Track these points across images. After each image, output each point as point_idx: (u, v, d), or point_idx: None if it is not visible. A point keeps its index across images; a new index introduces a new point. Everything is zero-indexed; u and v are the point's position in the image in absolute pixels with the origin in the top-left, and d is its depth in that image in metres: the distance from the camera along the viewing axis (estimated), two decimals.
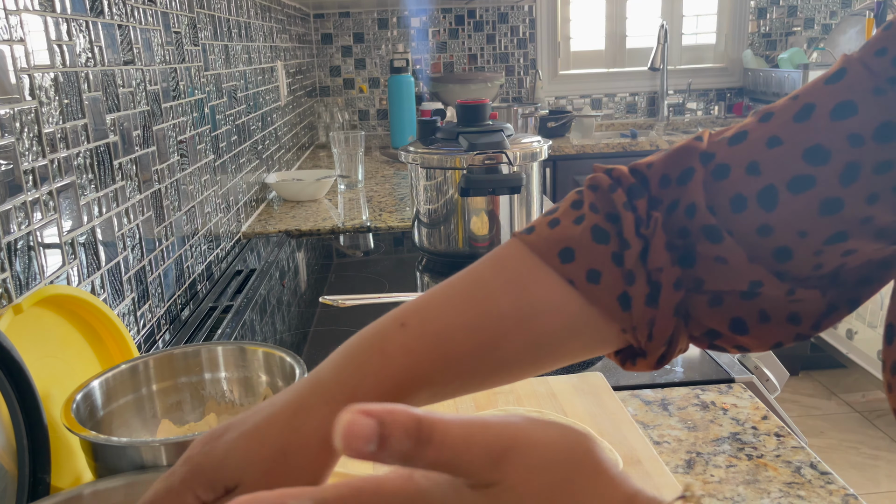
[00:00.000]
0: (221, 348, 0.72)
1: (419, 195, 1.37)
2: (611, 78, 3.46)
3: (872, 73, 0.41)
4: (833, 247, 0.43)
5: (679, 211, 0.45)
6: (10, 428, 0.56)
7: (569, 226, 0.46)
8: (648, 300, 0.44)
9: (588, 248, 0.45)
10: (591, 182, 0.47)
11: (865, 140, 0.40)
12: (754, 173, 0.43)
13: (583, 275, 0.45)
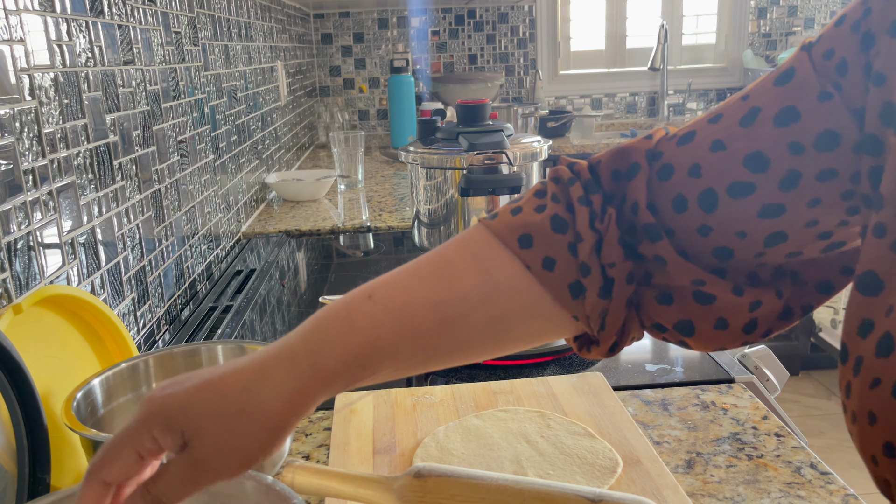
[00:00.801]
0: (221, 347, 0.73)
1: (419, 195, 1.37)
2: (611, 78, 3.46)
3: (820, 75, 0.41)
4: (774, 248, 0.44)
5: (626, 207, 0.47)
6: (10, 428, 0.56)
7: (530, 213, 0.48)
8: (602, 292, 0.46)
9: (546, 236, 0.47)
10: (554, 174, 0.49)
11: (806, 148, 0.41)
12: (696, 176, 0.44)
13: (539, 261, 0.47)
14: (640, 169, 0.46)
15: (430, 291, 0.47)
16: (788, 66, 0.43)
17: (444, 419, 0.76)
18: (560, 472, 0.65)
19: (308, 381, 0.44)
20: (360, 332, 0.45)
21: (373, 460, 0.69)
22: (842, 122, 0.40)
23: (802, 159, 0.41)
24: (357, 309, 0.46)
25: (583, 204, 0.47)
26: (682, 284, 0.46)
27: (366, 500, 0.56)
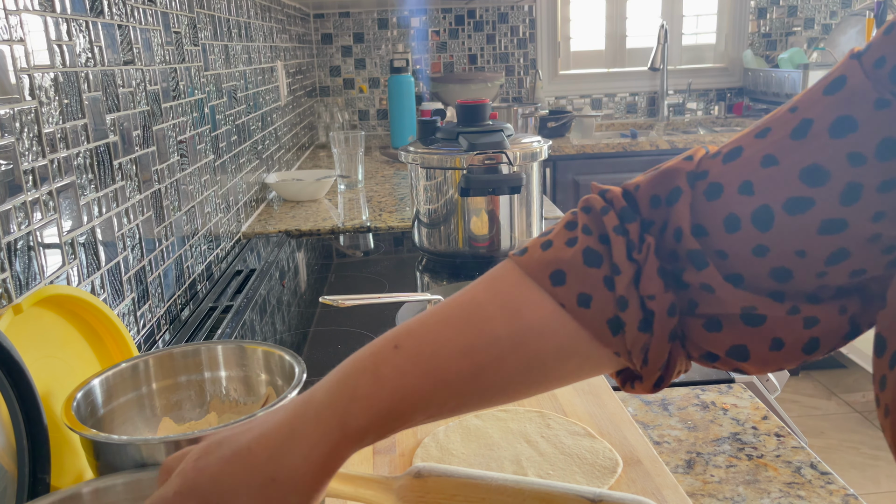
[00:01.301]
0: (221, 347, 0.72)
1: (419, 195, 1.37)
2: (611, 78, 3.46)
3: (874, 83, 0.39)
4: (836, 267, 0.41)
5: (668, 233, 0.45)
6: (10, 428, 0.56)
7: (561, 248, 0.46)
8: (642, 326, 0.44)
9: (580, 271, 0.45)
10: (585, 203, 0.47)
11: (867, 158, 0.39)
12: (748, 193, 0.42)
13: (573, 299, 0.45)
14: (683, 192, 0.44)
15: (459, 338, 0.45)
16: (838, 75, 0.41)
17: (444, 419, 0.76)
18: (560, 472, 0.65)
19: (338, 440, 0.43)
20: (388, 385, 0.44)
21: (373, 460, 0.69)
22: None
23: (863, 170, 0.39)
24: (384, 361, 0.44)
25: (619, 234, 0.44)
26: (731, 312, 0.44)
27: (366, 499, 0.56)
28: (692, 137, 2.80)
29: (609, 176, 2.79)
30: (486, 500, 0.53)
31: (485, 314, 0.46)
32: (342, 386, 0.44)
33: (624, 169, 2.79)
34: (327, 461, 0.43)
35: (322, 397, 0.44)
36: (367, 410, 0.43)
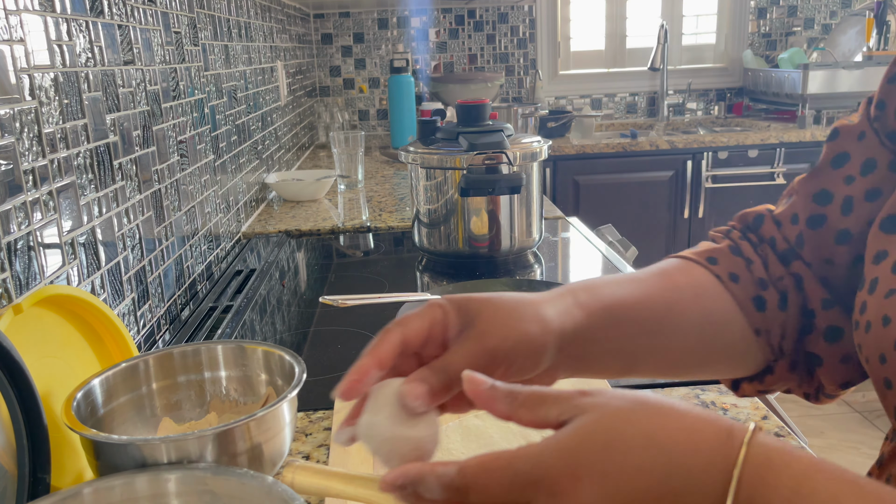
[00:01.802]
0: (221, 347, 0.72)
1: (419, 195, 1.37)
2: (611, 78, 3.46)
3: (870, 122, 0.56)
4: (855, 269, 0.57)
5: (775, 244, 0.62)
6: (10, 428, 0.56)
7: (709, 245, 0.63)
8: (780, 304, 0.57)
9: (727, 257, 0.60)
10: (739, 218, 0.65)
11: (855, 178, 0.57)
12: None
13: (726, 274, 0.59)
14: (765, 221, 0.62)
15: (649, 284, 0.58)
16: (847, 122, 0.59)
17: (444, 419, 0.76)
18: None
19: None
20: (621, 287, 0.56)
21: (373, 460, 0.69)
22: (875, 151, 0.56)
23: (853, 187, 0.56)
24: (577, 291, 0.54)
25: (743, 239, 0.62)
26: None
27: (366, 500, 0.56)
28: (692, 137, 2.80)
29: (609, 176, 2.79)
30: None
31: (668, 272, 0.60)
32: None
33: (624, 169, 2.79)
34: (560, 318, 0.50)
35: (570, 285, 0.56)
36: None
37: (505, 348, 0.46)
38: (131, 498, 0.53)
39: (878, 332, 0.47)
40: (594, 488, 0.36)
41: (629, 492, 0.36)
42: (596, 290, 0.54)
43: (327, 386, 0.86)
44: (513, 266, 1.36)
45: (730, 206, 2.84)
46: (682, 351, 0.57)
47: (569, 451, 0.38)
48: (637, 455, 0.36)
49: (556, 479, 0.37)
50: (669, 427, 0.37)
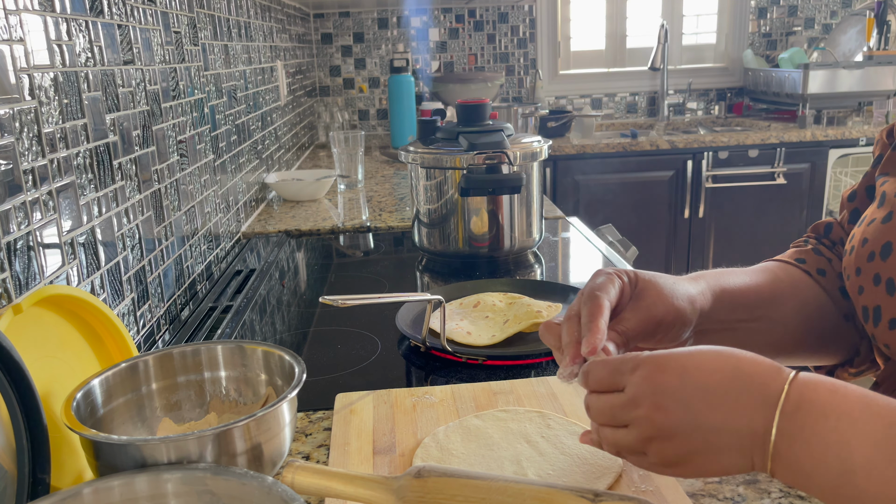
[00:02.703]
0: (221, 347, 0.72)
1: (419, 195, 1.37)
2: (611, 78, 3.46)
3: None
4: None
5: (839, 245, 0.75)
6: (10, 428, 0.56)
7: (796, 249, 0.75)
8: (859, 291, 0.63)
9: (812, 257, 0.73)
10: (812, 229, 0.77)
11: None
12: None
13: (814, 270, 0.71)
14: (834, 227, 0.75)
15: (757, 276, 0.69)
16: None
17: (444, 419, 0.76)
18: (560, 472, 0.65)
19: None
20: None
21: (373, 460, 0.69)
22: None
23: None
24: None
25: (819, 244, 0.74)
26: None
27: (366, 500, 0.56)
28: (692, 137, 2.80)
29: (609, 176, 2.79)
30: (486, 500, 0.53)
31: (766, 268, 0.72)
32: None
33: (624, 169, 2.79)
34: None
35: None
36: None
37: (668, 320, 0.60)
38: (131, 498, 0.53)
39: (858, 251, 0.61)
40: (675, 378, 0.48)
41: (701, 384, 0.47)
42: (717, 277, 0.66)
43: (327, 386, 0.87)
44: (513, 266, 1.35)
45: (730, 206, 2.84)
46: (785, 332, 0.68)
47: (660, 354, 0.50)
48: (711, 361, 0.48)
49: (648, 368, 0.49)
50: (737, 352, 0.49)
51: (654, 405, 0.48)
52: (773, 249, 0.87)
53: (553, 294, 1.11)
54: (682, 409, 0.47)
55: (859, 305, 0.61)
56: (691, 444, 0.47)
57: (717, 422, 0.46)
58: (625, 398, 0.50)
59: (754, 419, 0.46)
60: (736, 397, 0.46)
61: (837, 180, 2.93)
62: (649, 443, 0.49)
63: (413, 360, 0.94)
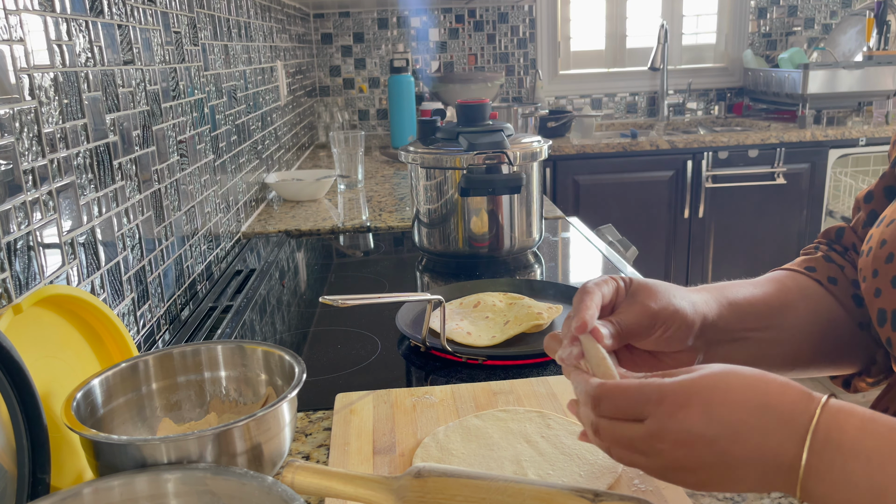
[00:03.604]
0: (221, 347, 0.72)
1: (419, 195, 1.37)
2: (611, 78, 3.46)
3: None
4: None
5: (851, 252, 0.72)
6: (10, 428, 0.56)
7: (806, 257, 0.72)
8: (875, 295, 0.60)
9: (823, 265, 0.70)
10: (823, 235, 0.75)
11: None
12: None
13: (825, 278, 0.69)
14: (846, 232, 0.73)
15: (764, 286, 0.67)
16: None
17: (444, 419, 0.76)
18: (560, 472, 0.65)
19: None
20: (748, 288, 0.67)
21: (373, 460, 0.69)
22: None
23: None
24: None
25: (830, 250, 0.72)
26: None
27: (366, 500, 0.56)
28: (692, 137, 2.80)
29: (609, 176, 2.79)
30: (486, 500, 0.53)
31: (776, 278, 0.70)
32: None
33: (624, 169, 2.79)
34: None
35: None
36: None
37: (664, 315, 0.58)
38: (131, 498, 0.53)
39: (876, 252, 0.59)
40: (699, 413, 0.46)
41: (727, 421, 0.45)
42: (721, 289, 0.65)
43: (327, 386, 0.87)
44: (513, 266, 1.35)
45: (730, 206, 2.84)
46: (798, 343, 0.67)
47: (684, 385, 0.47)
48: (737, 393, 0.46)
49: (672, 402, 0.47)
50: (764, 380, 0.47)
51: (677, 441, 0.46)
52: (773, 249, 0.86)
53: (553, 294, 1.11)
54: (706, 447, 0.46)
55: (875, 309, 0.59)
56: (715, 474, 0.47)
57: (743, 456, 0.45)
58: (645, 431, 0.47)
59: (781, 454, 0.45)
60: (763, 432, 0.45)
61: (837, 180, 2.93)
62: (670, 472, 0.48)
63: (413, 360, 0.94)
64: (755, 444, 0.45)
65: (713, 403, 0.46)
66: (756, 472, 0.46)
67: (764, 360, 0.67)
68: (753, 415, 0.45)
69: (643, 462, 0.49)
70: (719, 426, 0.45)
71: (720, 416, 0.46)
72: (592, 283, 0.58)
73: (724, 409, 0.46)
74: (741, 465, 0.46)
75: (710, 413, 0.46)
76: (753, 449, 0.45)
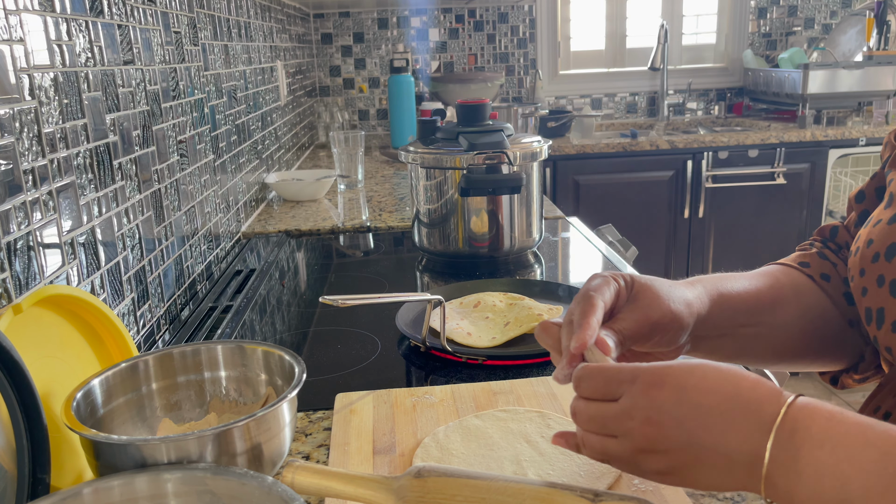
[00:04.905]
0: (221, 347, 0.72)
1: (419, 195, 1.37)
2: (611, 78, 3.46)
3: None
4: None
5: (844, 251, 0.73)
6: (10, 428, 0.56)
7: (801, 253, 0.73)
8: (862, 293, 0.61)
9: (817, 261, 0.71)
10: (818, 232, 0.75)
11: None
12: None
13: (818, 275, 0.70)
14: (840, 230, 0.73)
15: (757, 281, 0.68)
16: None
17: (444, 419, 0.76)
18: (560, 472, 0.65)
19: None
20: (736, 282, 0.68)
21: (373, 460, 0.69)
22: None
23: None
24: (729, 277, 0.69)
25: (825, 248, 0.72)
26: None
27: (366, 500, 0.56)
28: (692, 137, 2.80)
29: (609, 176, 2.79)
30: (486, 500, 0.53)
31: (770, 272, 0.70)
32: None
33: (624, 169, 2.79)
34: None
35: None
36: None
37: (663, 323, 0.59)
38: (131, 498, 0.53)
39: (863, 252, 0.60)
40: (672, 395, 0.47)
41: (697, 403, 0.47)
42: (715, 283, 0.66)
43: (327, 386, 0.87)
44: (513, 266, 1.35)
45: (730, 206, 2.84)
46: (786, 338, 0.67)
47: (660, 368, 0.49)
48: (711, 382, 0.47)
49: (645, 381, 0.48)
50: (739, 374, 0.48)
51: (647, 419, 0.47)
52: (773, 249, 0.87)
53: (553, 294, 1.11)
54: (675, 426, 0.47)
55: (863, 307, 0.60)
56: (682, 458, 0.47)
57: (710, 441, 0.46)
58: (618, 409, 0.49)
59: (747, 443, 0.45)
60: (731, 419, 0.46)
61: (837, 180, 2.93)
62: (639, 454, 0.49)
63: (413, 360, 0.94)
64: (721, 429, 0.46)
65: (686, 387, 0.47)
66: (722, 461, 0.46)
67: (750, 353, 0.68)
68: (723, 401, 0.46)
69: (614, 447, 0.49)
70: (688, 407, 0.47)
71: (691, 398, 0.47)
72: (593, 290, 0.58)
73: (695, 392, 0.47)
74: (707, 452, 0.46)
75: (681, 394, 0.47)
76: (719, 434, 0.46)
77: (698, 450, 0.46)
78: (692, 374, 0.48)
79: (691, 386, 0.47)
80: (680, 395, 0.47)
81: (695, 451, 0.47)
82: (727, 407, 0.46)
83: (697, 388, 0.47)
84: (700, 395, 0.47)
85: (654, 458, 0.48)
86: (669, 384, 0.47)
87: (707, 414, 0.46)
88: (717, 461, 0.46)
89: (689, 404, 0.47)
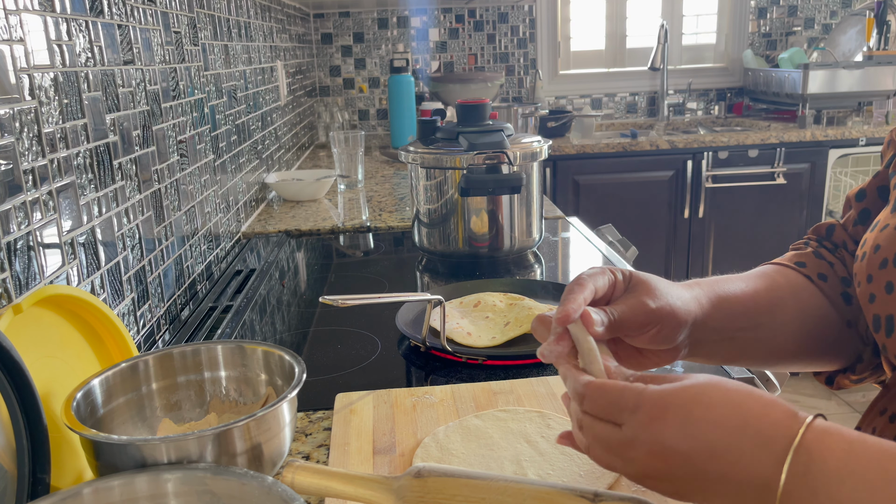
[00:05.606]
0: (221, 347, 0.72)
1: (419, 195, 1.37)
2: (611, 78, 3.46)
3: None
4: None
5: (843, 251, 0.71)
6: (10, 428, 0.56)
7: (797, 252, 0.71)
8: (862, 297, 0.60)
9: (813, 261, 0.69)
10: (813, 231, 0.73)
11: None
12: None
13: (815, 274, 0.68)
14: (836, 229, 0.71)
15: (755, 282, 0.66)
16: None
17: (444, 419, 0.76)
18: (560, 472, 0.65)
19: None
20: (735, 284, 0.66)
21: (373, 460, 0.69)
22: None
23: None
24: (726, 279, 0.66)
25: (820, 247, 0.71)
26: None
27: (366, 500, 0.56)
28: (692, 137, 2.80)
29: (609, 176, 2.79)
30: (486, 500, 0.53)
31: (767, 273, 0.68)
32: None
33: (624, 169, 2.79)
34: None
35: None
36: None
37: (659, 315, 0.57)
38: (131, 498, 0.53)
39: (870, 257, 0.58)
40: (675, 427, 0.45)
41: (703, 437, 0.44)
42: (713, 286, 0.64)
43: (327, 386, 0.87)
44: (513, 266, 1.35)
45: (730, 206, 2.84)
46: (785, 340, 0.66)
47: (664, 395, 0.46)
48: (717, 411, 0.45)
49: (649, 411, 0.46)
50: (748, 398, 0.45)
51: (650, 452, 0.46)
52: (773, 249, 0.86)
53: (553, 294, 1.11)
54: (681, 462, 0.45)
55: (870, 314, 0.58)
56: (689, 487, 0.46)
57: (718, 472, 0.44)
58: (622, 436, 0.47)
59: (758, 476, 0.43)
60: (738, 453, 0.44)
61: (837, 180, 2.93)
62: (645, 479, 0.48)
63: (413, 360, 0.94)
64: (730, 462, 0.44)
65: (691, 419, 0.45)
66: (731, 490, 0.45)
67: (749, 356, 0.67)
68: (731, 434, 0.44)
69: (620, 466, 0.48)
70: (694, 441, 0.45)
71: (696, 432, 0.45)
72: (586, 275, 0.57)
73: (701, 424, 0.45)
74: (716, 482, 0.45)
75: (686, 428, 0.45)
76: (728, 466, 0.44)
77: (705, 482, 0.45)
78: (698, 404, 0.45)
79: (696, 418, 0.45)
80: (685, 428, 0.45)
81: (702, 481, 0.45)
82: (734, 440, 0.44)
83: (703, 420, 0.45)
84: (706, 428, 0.45)
85: (661, 484, 0.47)
86: (673, 416, 0.45)
87: (714, 447, 0.44)
88: (727, 490, 0.45)
89: (694, 438, 0.45)
